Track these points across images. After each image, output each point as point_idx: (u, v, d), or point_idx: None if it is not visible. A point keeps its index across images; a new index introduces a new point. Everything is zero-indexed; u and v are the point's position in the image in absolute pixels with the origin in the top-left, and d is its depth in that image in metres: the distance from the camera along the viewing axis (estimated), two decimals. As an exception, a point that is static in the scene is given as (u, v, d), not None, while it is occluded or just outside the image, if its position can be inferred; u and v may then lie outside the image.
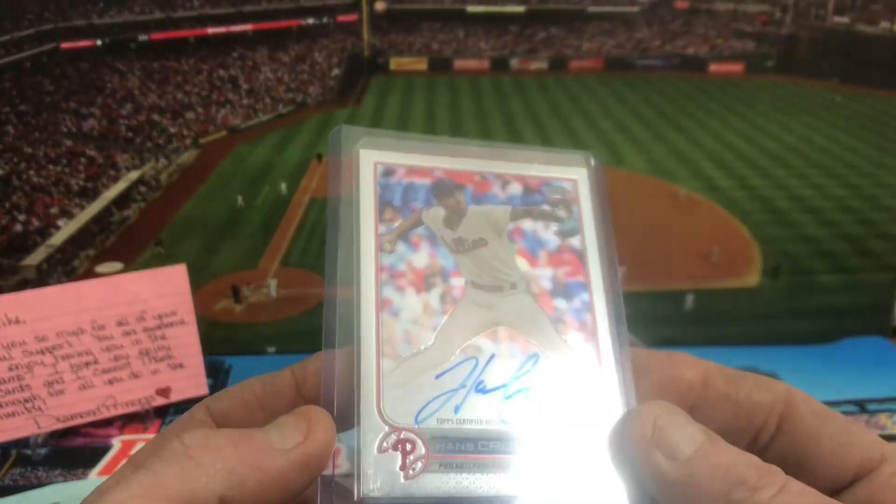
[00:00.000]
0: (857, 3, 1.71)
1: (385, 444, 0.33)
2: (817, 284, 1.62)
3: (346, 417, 0.34)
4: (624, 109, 1.93)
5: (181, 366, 1.06)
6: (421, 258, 0.37)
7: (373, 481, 0.33)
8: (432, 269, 0.37)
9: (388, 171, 0.39)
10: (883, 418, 1.12)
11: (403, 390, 0.34)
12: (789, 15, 1.80)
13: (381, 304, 0.36)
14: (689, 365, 0.38)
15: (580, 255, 0.40)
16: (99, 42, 1.58)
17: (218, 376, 1.20)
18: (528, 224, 0.40)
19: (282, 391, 0.36)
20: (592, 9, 1.93)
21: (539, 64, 1.92)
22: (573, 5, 1.97)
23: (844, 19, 1.71)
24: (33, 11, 1.46)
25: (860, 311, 1.51)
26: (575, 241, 0.40)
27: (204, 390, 1.08)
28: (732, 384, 0.37)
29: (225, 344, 1.39)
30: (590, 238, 0.41)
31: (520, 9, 1.96)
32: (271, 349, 1.43)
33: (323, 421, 0.33)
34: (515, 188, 0.41)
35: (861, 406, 1.15)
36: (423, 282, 0.37)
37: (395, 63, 1.90)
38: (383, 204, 0.38)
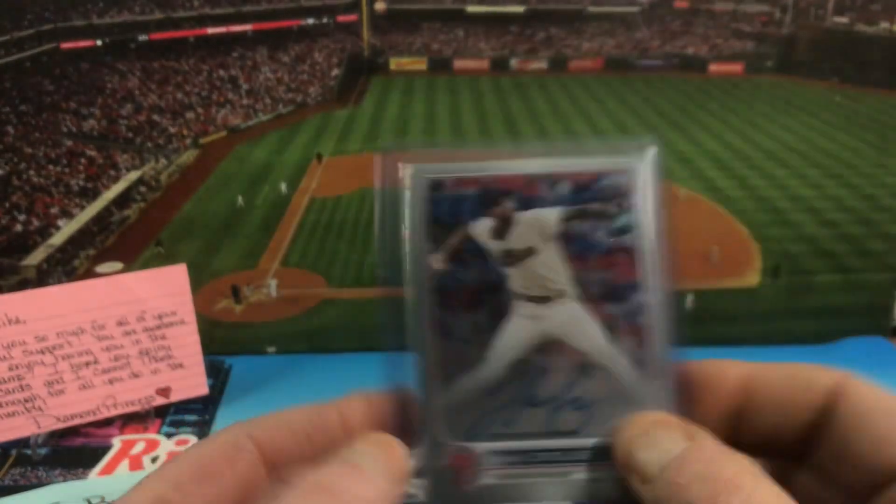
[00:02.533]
0: (856, 4, 1.71)
1: (441, 461, 0.36)
2: (817, 284, 1.62)
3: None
4: (624, 109, 1.93)
5: (181, 366, 1.06)
6: (470, 275, 0.38)
7: (430, 498, 0.35)
8: (481, 286, 0.38)
9: (436, 185, 0.39)
10: (883, 418, 1.12)
11: (456, 408, 0.36)
12: (789, 15, 1.81)
13: (433, 325, 0.37)
14: (731, 370, 0.38)
15: (634, 255, 0.39)
16: (99, 42, 1.58)
17: (218, 376, 1.20)
18: (577, 225, 0.39)
19: (329, 427, 0.37)
20: (592, 9, 1.93)
21: (539, 64, 1.92)
22: (573, 5, 1.97)
23: (844, 19, 1.71)
24: (33, 11, 1.47)
25: (860, 311, 1.51)
26: (628, 240, 0.39)
27: (204, 390, 1.08)
28: (773, 388, 0.37)
29: (225, 344, 1.39)
30: (645, 235, 0.39)
31: (520, 9, 1.96)
32: (271, 349, 1.43)
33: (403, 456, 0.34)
34: (564, 187, 0.39)
35: (861, 406, 1.15)
36: (473, 299, 0.38)
37: (394, 63, 1.90)
38: (432, 221, 0.38)
